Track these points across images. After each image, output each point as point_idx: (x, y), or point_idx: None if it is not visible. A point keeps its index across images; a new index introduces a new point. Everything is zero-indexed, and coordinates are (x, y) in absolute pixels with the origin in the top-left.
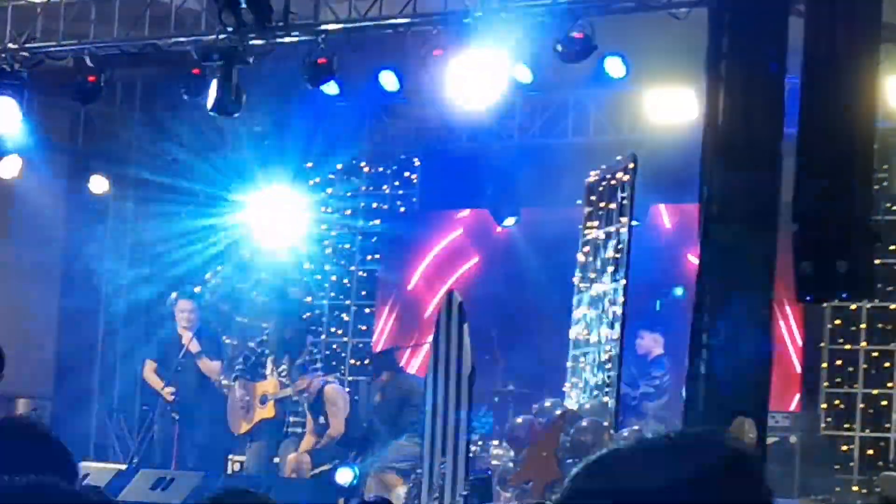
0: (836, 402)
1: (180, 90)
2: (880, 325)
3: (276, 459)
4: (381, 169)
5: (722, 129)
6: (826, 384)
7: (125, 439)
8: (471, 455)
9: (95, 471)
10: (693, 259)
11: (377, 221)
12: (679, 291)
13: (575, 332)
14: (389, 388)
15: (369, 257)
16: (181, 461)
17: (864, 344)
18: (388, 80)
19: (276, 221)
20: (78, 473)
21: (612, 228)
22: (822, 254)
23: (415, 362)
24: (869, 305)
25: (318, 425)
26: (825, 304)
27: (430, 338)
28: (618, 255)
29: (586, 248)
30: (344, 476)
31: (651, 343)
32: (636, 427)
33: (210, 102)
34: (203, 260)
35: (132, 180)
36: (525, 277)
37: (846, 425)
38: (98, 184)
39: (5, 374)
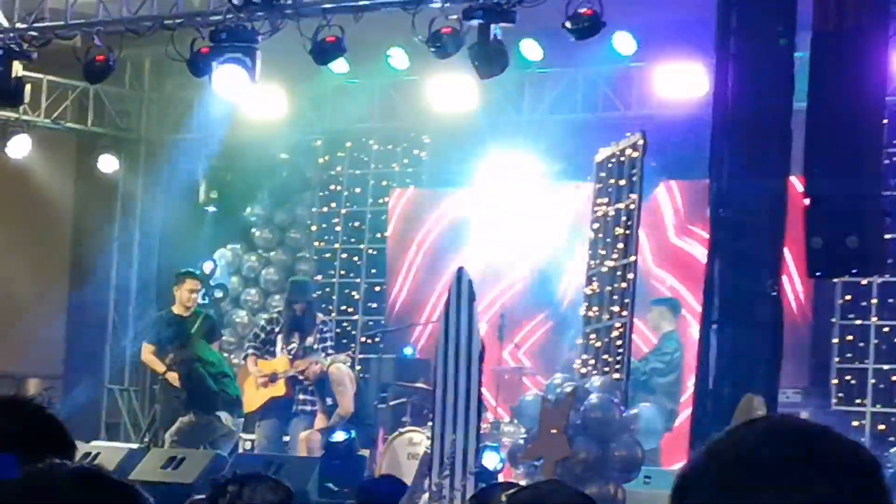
0: (847, 377)
1: (188, 69)
2: (891, 301)
3: (287, 438)
4: (390, 146)
5: (731, 105)
6: (837, 360)
7: (136, 418)
8: (481, 432)
9: (106, 450)
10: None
11: (387, 199)
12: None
13: (585, 308)
14: None
15: (379, 235)
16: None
17: (874, 319)
18: (398, 58)
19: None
20: (75, 450)
21: (621, 205)
22: (832, 229)
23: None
24: (879, 280)
25: (326, 406)
26: (836, 280)
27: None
28: (627, 232)
29: (596, 225)
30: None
31: (659, 318)
32: (646, 403)
33: (218, 82)
34: (213, 238)
35: (141, 159)
36: (533, 253)
37: (857, 401)
38: (107, 163)
39: (16, 355)
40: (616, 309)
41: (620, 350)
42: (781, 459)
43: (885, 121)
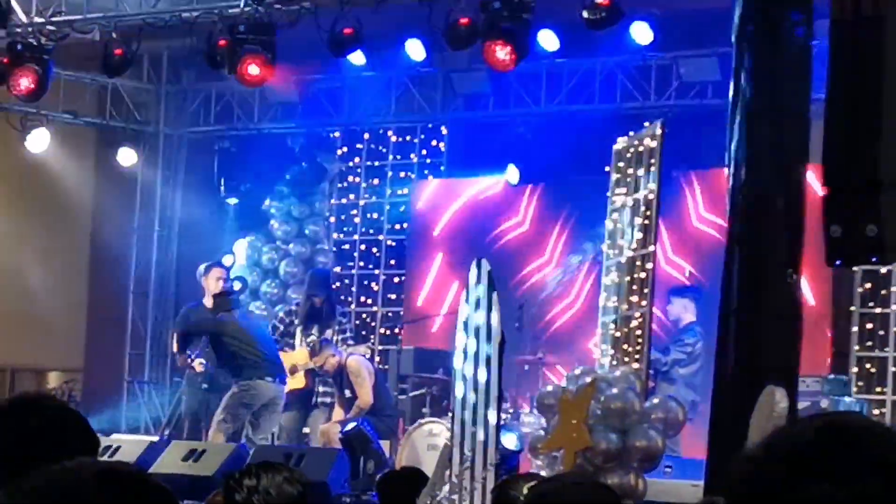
0: (867, 365)
1: (206, 62)
2: None
3: (307, 430)
4: (408, 137)
5: (749, 95)
6: (857, 348)
7: (156, 411)
8: (501, 424)
9: (127, 443)
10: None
11: (405, 190)
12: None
13: (604, 298)
14: None
15: (397, 226)
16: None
17: (894, 307)
18: (415, 49)
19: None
20: (99, 446)
21: (639, 195)
22: (851, 217)
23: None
24: None
25: (345, 399)
26: (855, 268)
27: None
28: (646, 222)
29: (614, 215)
30: (509, 441)
31: (681, 309)
32: (667, 393)
33: (237, 75)
34: (232, 230)
35: (160, 152)
36: (553, 244)
37: (877, 389)
38: (126, 156)
39: (37, 349)
40: (635, 299)
41: (640, 340)
42: (833, 454)
43: None
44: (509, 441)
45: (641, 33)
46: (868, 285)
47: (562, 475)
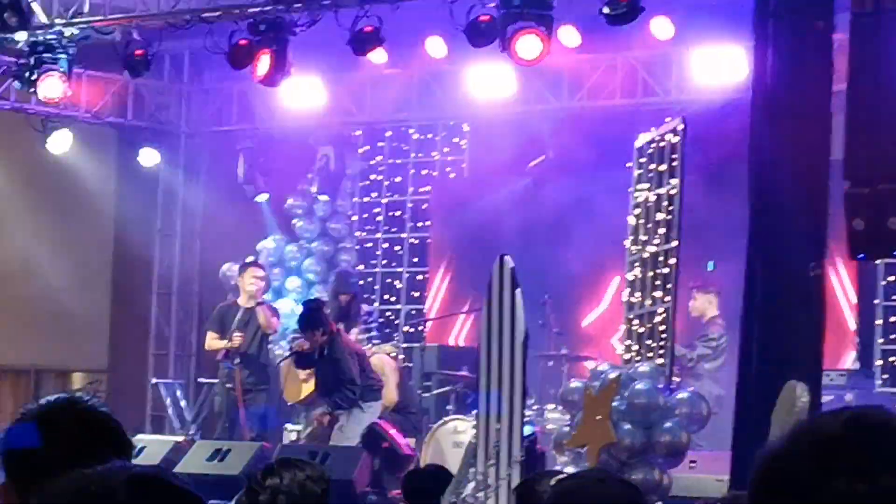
0: (892, 359)
1: (228, 61)
2: None
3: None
4: (429, 136)
5: (770, 88)
6: (881, 341)
7: (181, 411)
8: (525, 420)
9: (152, 443)
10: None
11: (427, 188)
12: (711, 266)
13: (628, 294)
14: None
15: (420, 224)
16: (239, 432)
17: None
18: (436, 46)
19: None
20: (132, 448)
21: (662, 190)
22: (873, 211)
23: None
24: None
25: None
26: (878, 261)
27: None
28: (669, 217)
29: (637, 211)
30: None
31: (704, 304)
32: (692, 388)
33: (258, 74)
34: (254, 229)
35: (182, 152)
36: (575, 240)
37: None
38: (148, 156)
39: (61, 349)
40: (659, 294)
41: (664, 335)
42: (860, 449)
43: None
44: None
45: (662, 28)
46: (891, 278)
47: (584, 472)
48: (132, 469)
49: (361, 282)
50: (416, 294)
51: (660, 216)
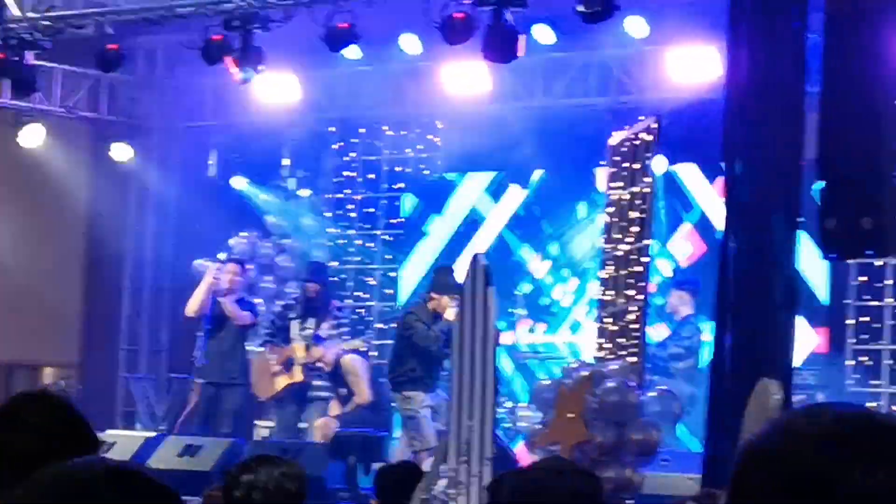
0: (863, 358)
1: (201, 57)
2: None
3: (303, 425)
4: (403, 132)
5: (744, 87)
6: (852, 341)
7: (152, 406)
8: (497, 418)
9: (122, 439)
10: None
11: (401, 185)
12: None
13: (601, 292)
14: None
15: (393, 220)
16: (211, 428)
17: (889, 300)
18: (410, 43)
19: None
20: (98, 444)
21: (636, 189)
22: (846, 210)
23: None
24: (894, 262)
25: (341, 396)
26: (850, 261)
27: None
28: (642, 216)
29: (610, 209)
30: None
31: (678, 302)
32: (664, 387)
33: (232, 69)
34: (226, 225)
35: (155, 147)
36: (548, 238)
37: (873, 382)
38: (121, 151)
39: (32, 343)
40: (631, 293)
41: (636, 334)
42: (866, 439)
43: None
44: None
45: (636, 27)
46: (863, 278)
47: (542, 462)
48: (109, 462)
49: (335, 278)
50: (390, 291)
51: (633, 214)
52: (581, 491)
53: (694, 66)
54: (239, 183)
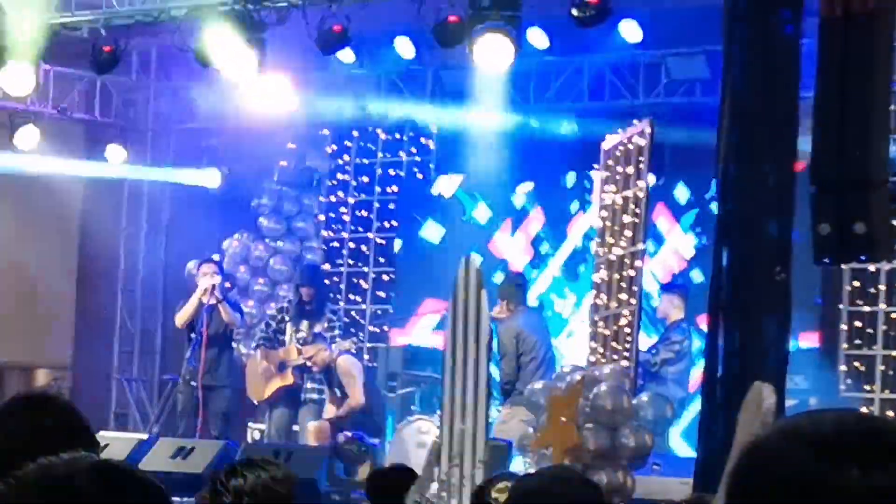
0: (856, 363)
1: (195, 58)
2: None
3: (296, 427)
4: (397, 136)
5: (738, 93)
6: (845, 346)
7: (145, 408)
8: (490, 421)
9: (115, 440)
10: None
11: (394, 188)
12: None
13: (593, 296)
14: None
15: (387, 224)
16: (202, 430)
17: (882, 305)
18: (404, 47)
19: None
20: (97, 445)
21: (629, 193)
22: (839, 215)
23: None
24: (888, 267)
25: (336, 397)
26: (843, 266)
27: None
28: (636, 220)
29: (603, 213)
30: None
31: (669, 306)
32: (656, 392)
33: (226, 71)
34: (220, 227)
35: (149, 149)
36: (542, 242)
37: (866, 387)
38: (114, 154)
39: (25, 345)
40: (624, 297)
41: (629, 338)
42: (862, 441)
43: (893, 107)
44: None
45: (630, 31)
46: (856, 283)
47: (546, 470)
48: (94, 457)
49: (327, 281)
50: (382, 294)
51: (626, 219)
52: (585, 501)
53: (686, 70)
54: (232, 185)
